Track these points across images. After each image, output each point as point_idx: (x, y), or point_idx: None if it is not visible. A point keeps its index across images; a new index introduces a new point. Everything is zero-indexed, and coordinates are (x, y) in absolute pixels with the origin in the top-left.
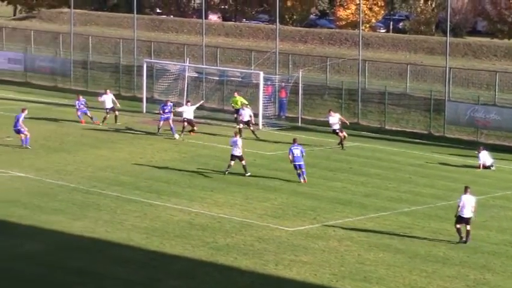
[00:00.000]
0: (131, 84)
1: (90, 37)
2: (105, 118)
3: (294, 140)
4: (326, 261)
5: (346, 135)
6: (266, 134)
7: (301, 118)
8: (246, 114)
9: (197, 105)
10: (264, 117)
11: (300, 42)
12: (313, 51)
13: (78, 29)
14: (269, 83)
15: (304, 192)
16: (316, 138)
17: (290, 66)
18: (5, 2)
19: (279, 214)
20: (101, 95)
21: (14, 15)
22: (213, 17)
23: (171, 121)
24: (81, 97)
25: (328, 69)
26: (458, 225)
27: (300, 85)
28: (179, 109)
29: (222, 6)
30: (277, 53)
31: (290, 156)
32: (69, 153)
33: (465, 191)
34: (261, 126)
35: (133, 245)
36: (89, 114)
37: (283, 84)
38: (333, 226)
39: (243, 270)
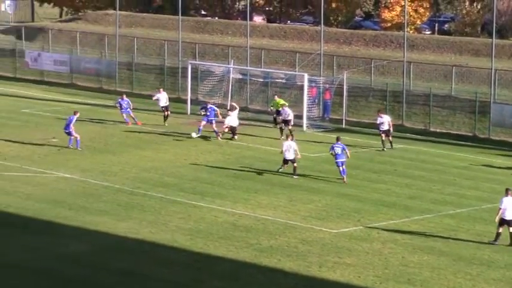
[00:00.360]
0: (176, 85)
1: (135, 39)
2: (166, 118)
3: (338, 139)
4: (370, 264)
5: (389, 138)
6: (310, 136)
7: (346, 120)
8: (287, 113)
9: (236, 111)
10: (308, 119)
11: (344, 44)
12: (358, 53)
13: (123, 30)
14: (313, 84)
15: (348, 194)
16: (360, 140)
17: (334, 68)
18: (52, 4)
19: (323, 216)
20: (155, 93)
21: (60, 17)
22: (258, 19)
23: (214, 125)
24: (125, 97)
25: (372, 71)
26: (500, 229)
27: (345, 87)
28: (227, 122)
29: (267, 8)
30: (322, 55)
31: (332, 154)
32: (114, 155)
33: (506, 193)
34: (305, 128)
35: (178, 246)
36: (132, 114)
37: (327, 86)
38: (377, 228)
39: (287, 272)
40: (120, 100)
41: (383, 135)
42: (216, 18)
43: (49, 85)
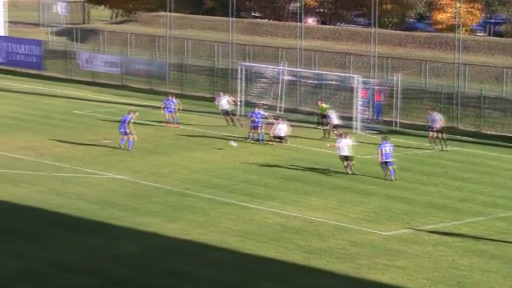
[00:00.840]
0: (226, 87)
1: (186, 40)
2: (232, 121)
3: (385, 138)
4: (420, 266)
5: (443, 136)
6: (362, 138)
7: (398, 122)
8: (331, 117)
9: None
10: (360, 120)
11: (397, 46)
12: (411, 54)
13: (174, 32)
14: (366, 86)
15: (398, 197)
16: (412, 142)
17: (387, 69)
18: (104, 6)
19: (373, 218)
20: (216, 98)
21: (112, 19)
22: (310, 20)
23: (260, 129)
24: (171, 97)
25: (426, 73)
26: None
27: (398, 89)
28: (276, 131)
29: (319, 10)
30: (375, 57)
31: (379, 153)
32: (164, 156)
33: None
34: (357, 130)
35: (227, 247)
36: (174, 115)
37: (380, 87)
38: (427, 231)
39: (336, 274)
40: (165, 100)
41: (433, 133)
42: (268, 19)
43: (101, 86)
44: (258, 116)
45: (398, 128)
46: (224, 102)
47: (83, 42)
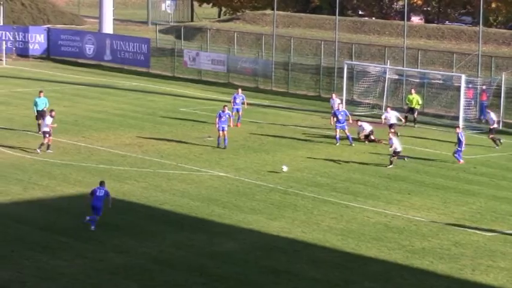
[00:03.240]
0: (331, 86)
1: (291, 38)
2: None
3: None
4: None
5: None
6: (466, 138)
7: (503, 122)
8: (393, 116)
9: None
10: (464, 120)
11: (503, 45)
12: None
13: (280, 30)
14: (470, 85)
15: (503, 197)
16: None
17: (493, 68)
18: (211, 4)
19: (477, 218)
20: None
21: (219, 17)
22: (416, 19)
23: (346, 130)
24: (240, 91)
25: None
26: None
27: (503, 88)
28: (366, 129)
29: (425, 8)
30: (480, 56)
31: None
32: (267, 154)
33: None
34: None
35: (329, 246)
36: (240, 112)
37: (484, 87)
38: None
39: (439, 274)
40: (235, 95)
41: None
42: (373, 18)
43: (206, 84)
44: (343, 114)
45: (503, 128)
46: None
47: (189, 40)
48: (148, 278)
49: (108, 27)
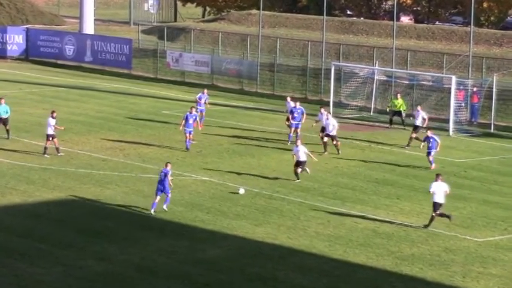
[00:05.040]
0: (318, 87)
1: (277, 39)
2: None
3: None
4: None
5: None
6: (457, 141)
7: (494, 124)
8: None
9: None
10: (454, 123)
11: (495, 45)
12: (509, 54)
13: (266, 31)
14: (461, 87)
15: (495, 202)
16: (509, 145)
17: (484, 70)
18: (195, 4)
19: (468, 224)
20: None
21: (203, 17)
22: (405, 19)
23: (299, 129)
24: (206, 91)
25: None
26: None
27: (494, 90)
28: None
29: (415, 8)
30: (471, 56)
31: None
32: (253, 158)
33: (436, 179)
34: (451, 133)
35: (316, 252)
36: (204, 113)
37: (475, 89)
38: None
39: (429, 281)
40: (201, 94)
41: None
42: (362, 18)
43: (190, 86)
44: (299, 113)
45: (494, 131)
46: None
47: (172, 41)
48: (130, 286)
49: (88, 28)
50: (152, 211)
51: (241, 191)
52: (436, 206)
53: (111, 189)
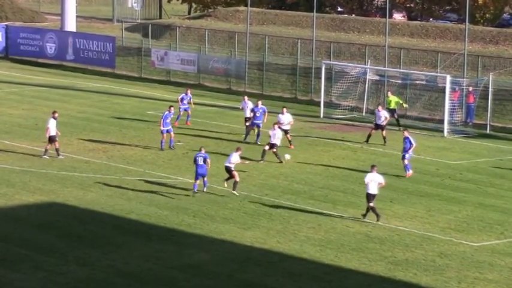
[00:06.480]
0: (308, 87)
1: (266, 37)
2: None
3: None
4: None
5: None
6: (451, 142)
7: (490, 125)
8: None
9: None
10: (449, 123)
11: (490, 44)
12: (505, 53)
13: (254, 28)
14: (456, 87)
15: (491, 205)
16: (505, 146)
17: (479, 68)
18: (180, 0)
19: (463, 228)
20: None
21: (189, 14)
22: (398, 16)
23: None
24: (189, 92)
25: None
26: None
27: (490, 89)
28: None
29: (408, 5)
30: (466, 55)
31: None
32: (241, 159)
33: (371, 169)
34: (446, 133)
35: (307, 257)
36: (189, 111)
37: (471, 88)
38: None
39: (423, 287)
40: (183, 95)
41: None
42: (353, 15)
43: (175, 85)
44: (262, 112)
45: (490, 132)
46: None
47: (157, 39)
48: None
49: (70, 25)
50: (195, 190)
51: (287, 156)
52: (369, 197)
53: (94, 192)
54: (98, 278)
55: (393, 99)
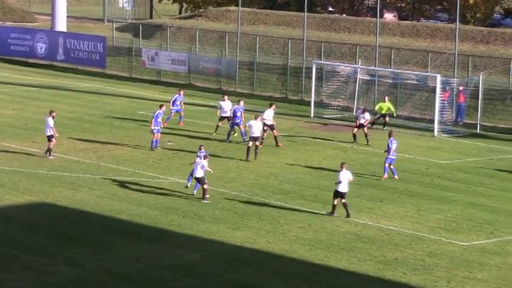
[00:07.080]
0: (299, 87)
1: (257, 37)
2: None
3: (390, 134)
4: (503, 279)
5: None
6: (442, 142)
7: (480, 125)
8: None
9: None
10: (439, 123)
11: (481, 43)
12: (496, 52)
13: (245, 28)
14: (447, 87)
15: (481, 204)
16: (496, 146)
17: (470, 68)
18: (171, 0)
19: (453, 227)
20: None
21: (180, 14)
22: (389, 16)
23: (241, 126)
24: (182, 93)
25: (510, 72)
26: (335, 201)
27: (480, 89)
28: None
29: (399, 5)
30: (456, 55)
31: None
32: (231, 159)
33: (341, 167)
34: (436, 133)
35: (296, 257)
36: (182, 113)
37: (461, 88)
38: None
39: (412, 286)
40: (177, 96)
41: None
42: (344, 15)
43: (166, 85)
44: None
45: (480, 131)
46: (227, 106)
47: (148, 39)
48: None
49: (61, 25)
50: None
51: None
52: (342, 194)
53: (84, 192)
54: (88, 278)
55: (386, 106)
